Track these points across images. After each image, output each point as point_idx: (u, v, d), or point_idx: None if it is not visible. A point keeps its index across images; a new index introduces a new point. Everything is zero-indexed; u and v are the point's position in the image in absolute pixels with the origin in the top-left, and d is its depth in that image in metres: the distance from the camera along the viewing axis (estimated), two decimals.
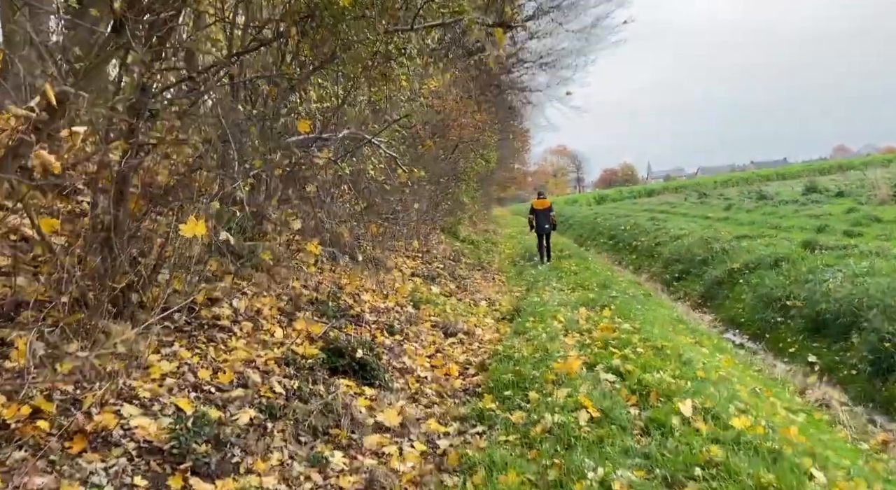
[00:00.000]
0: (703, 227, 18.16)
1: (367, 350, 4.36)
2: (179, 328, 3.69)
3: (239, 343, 3.78)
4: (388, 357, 4.83)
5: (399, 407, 3.72)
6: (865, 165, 50.47)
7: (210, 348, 3.53)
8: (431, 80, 7.39)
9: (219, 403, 3.02)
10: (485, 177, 25.73)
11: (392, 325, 5.57)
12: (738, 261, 11.74)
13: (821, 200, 21.96)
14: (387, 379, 4.29)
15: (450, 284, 8.89)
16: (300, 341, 4.15)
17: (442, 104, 8.16)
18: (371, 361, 4.23)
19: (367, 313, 5.58)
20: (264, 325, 4.18)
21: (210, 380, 3.20)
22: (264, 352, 3.76)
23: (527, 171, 65.18)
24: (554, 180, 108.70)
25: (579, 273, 11.14)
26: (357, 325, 5.14)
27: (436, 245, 11.86)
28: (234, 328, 3.96)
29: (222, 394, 3.13)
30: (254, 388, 3.28)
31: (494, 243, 17.74)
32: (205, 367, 3.28)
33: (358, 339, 4.58)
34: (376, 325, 5.42)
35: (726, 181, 56.19)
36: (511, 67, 14.04)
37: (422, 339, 5.79)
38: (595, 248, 23.53)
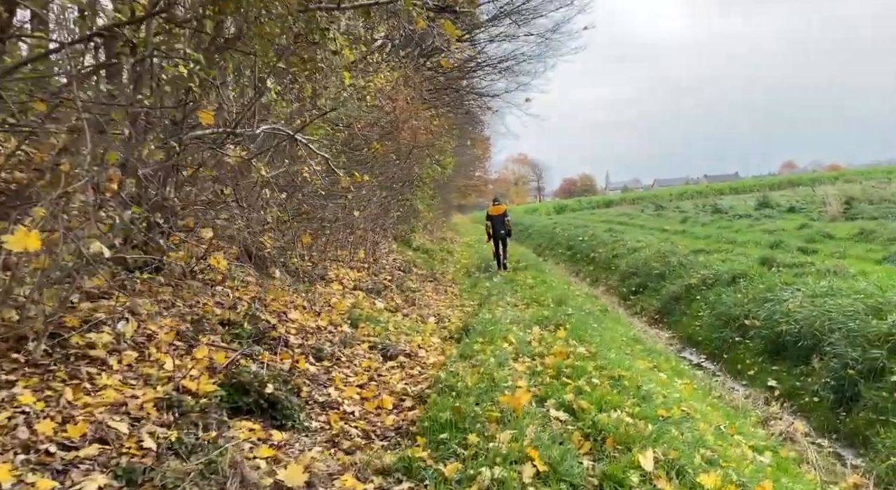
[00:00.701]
0: (660, 240, 18.07)
1: (281, 383, 3.71)
2: (34, 362, 2.97)
3: (112, 380, 3.08)
4: (311, 389, 4.18)
5: (307, 459, 3.07)
6: (813, 182, 52.28)
7: (68, 389, 2.82)
8: (378, 77, 6.80)
9: (57, 469, 2.33)
10: (443, 183, 25.24)
11: (321, 348, 4.91)
12: (695, 276, 11.50)
13: (773, 215, 22.31)
14: (302, 418, 3.64)
15: (397, 298, 8.27)
16: (197, 374, 3.47)
17: (392, 105, 7.56)
18: (283, 398, 3.57)
19: (293, 335, 4.91)
20: (153, 353, 3.48)
21: (53, 434, 2.50)
22: (143, 391, 3.06)
23: (488, 179, 65.08)
24: (515, 189, 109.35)
25: (535, 287, 10.67)
26: (276, 351, 4.47)
27: (386, 255, 11.23)
28: (112, 359, 3.25)
29: (67, 454, 2.43)
30: (115, 443, 2.59)
31: (450, 252, 17.20)
32: (50, 417, 2.58)
33: (273, 370, 3.92)
34: (301, 350, 4.75)
35: (682, 194, 57.34)
36: (470, 71, 13.55)
37: (356, 364, 5.15)
38: (553, 259, 23.29)
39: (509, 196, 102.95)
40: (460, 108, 16.09)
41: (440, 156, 14.69)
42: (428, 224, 18.84)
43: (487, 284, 11.03)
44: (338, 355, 5.06)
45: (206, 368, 3.61)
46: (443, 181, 24.49)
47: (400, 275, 10.30)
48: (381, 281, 8.73)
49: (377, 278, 8.76)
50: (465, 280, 12.18)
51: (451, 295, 10.37)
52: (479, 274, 12.99)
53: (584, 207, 57.91)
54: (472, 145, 23.43)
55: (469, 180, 47.78)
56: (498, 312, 8.14)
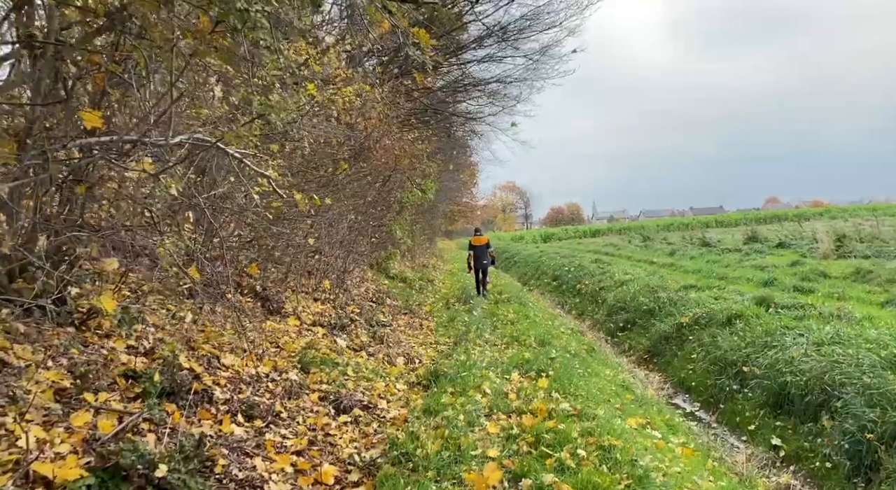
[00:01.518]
0: (648, 273, 17.45)
1: (181, 460, 2.90)
2: None
3: None
4: (230, 461, 3.36)
5: None
6: (799, 217, 52.44)
7: None
8: (345, 91, 6.11)
9: None
10: (427, 208, 24.60)
11: (254, 404, 4.09)
12: (686, 315, 10.83)
13: (763, 250, 21.84)
14: None
15: (363, 335, 7.46)
16: (64, 452, 2.65)
17: (363, 122, 6.88)
18: (180, 483, 2.76)
19: (221, 387, 4.10)
20: (7, 422, 2.67)
21: None
22: None
23: (475, 205, 64.80)
24: (503, 216, 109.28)
25: (517, 323, 9.91)
26: (195, 410, 3.66)
27: (357, 284, 10.43)
28: None
29: None
30: None
31: (430, 281, 16.41)
32: None
33: (175, 439, 3.11)
34: (228, 407, 3.94)
35: (668, 225, 57.26)
36: (454, 93, 12.98)
37: (298, 421, 4.33)
38: (539, 289, 22.59)
39: (497, 223, 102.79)
40: (444, 131, 15.50)
41: (422, 180, 14.02)
42: (409, 251, 18.08)
43: (466, 319, 10.25)
44: (277, 411, 4.25)
45: (82, 442, 2.80)
46: (426, 206, 23.88)
47: (371, 307, 9.50)
48: (347, 314, 7.92)
49: (343, 312, 7.96)
50: (443, 313, 11.39)
51: (426, 330, 9.57)
52: (458, 306, 12.22)
53: (570, 236, 57.59)
54: (458, 170, 22.86)
55: (456, 206, 47.32)
56: (475, 353, 7.37)
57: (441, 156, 16.94)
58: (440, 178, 20.11)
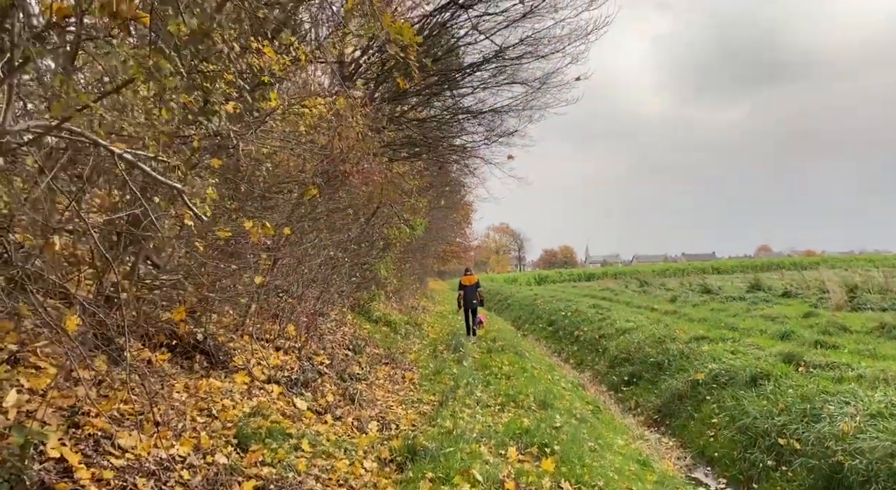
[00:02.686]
0: (651, 321, 16.32)
1: None
2: None
3: None
4: None
5: None
6: (795, 266, 51.70)
7: None
8: (315, 102, 5.12)
9: None
10: (417, 247, 23.52)
11: None
12: (701, 370, 9.67)
13: (769, 299, 20.80)
14: None
15: (330, 393, 6.25)
16: None
17: (338, 142, 5.87)
18: None
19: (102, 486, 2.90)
20: None
21: None
22: None
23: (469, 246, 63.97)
24: (496, 257, 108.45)
25: (513, 377, 8.71)
26: None
27: (333, 329, 9.24)
28: None
29: None
30: None
31: (418, 324, 15.18)
32: None
33: None
34: None
35: (664, 271, 56.38)
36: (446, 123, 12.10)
37: None
38: (533, 334, 21.39)
39: (490, 264, 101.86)
40: (436, 165, 14.57)
41: (410, 216, 13.00)
42: (396, 292, 16.90)
43: (455, 370, 9.04)
44: None
45: None
46: (417, 245, 22.82)
47: (346, 357, 8.29)
48: (314, 367, 6.72)
49: (309, 363, 6.75)
50: (429, 362, 10.17)
51: (408, 383, 8.34)
52: (447, 354, 11.00)
53: (565, 279, 56.58)
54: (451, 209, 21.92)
55: (449, 246, 46.34)
56: (463, 417, 6.16)
57: (432, 192, 15.99)
58: (431, 215, 19.13)
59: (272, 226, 4.16)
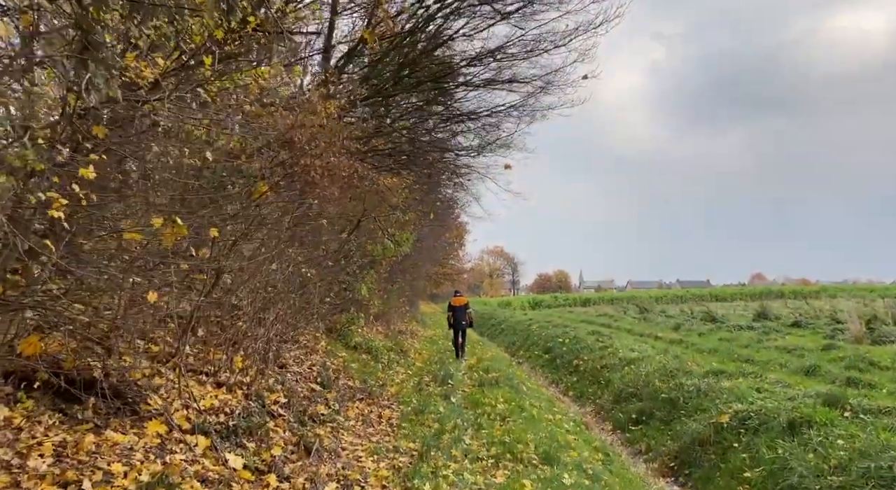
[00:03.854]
0: (657, 351, 15.04)
1: None
2: None
3: None
4: None
5: None
6: (795, 295, 50.71)
7: None
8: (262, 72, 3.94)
9: None
10: (407, 268, 22.25)
11: None
12: (725, 411, 8.39)
13: (779, 329, 19.59)
14: None
15: (279, 444, 4.94)
16: None
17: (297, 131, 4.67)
18: None
19: None
20: None
21: None
22: None
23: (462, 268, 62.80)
24: (490, 280, 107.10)
25: (509, 417, 7.41)
26: None
27: (300, 358, 7.94)
28: None
29: None
30: None
31: (404, 351, 13.83)
32: None
33: None
34: None
35: (661, 297, 55.17)
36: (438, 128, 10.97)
37: None
38: (528, 362, 20.01)
39: (483, 288, 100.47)
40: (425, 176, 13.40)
41: (396, 231, 11.79)
42: (381, 315, 15.58)
43: (442, 408, 7.73)
44: None
45: None
46: (407, 265, 21.54)
47: (311, 392, 6.98)
48: (263, 408, 5.42)
49: (258, 403, 5.45)
50: (412, 396, 8.85)
51: (385, 425, 7.02)
52: (433, 387, 9.68)
53: (560, 304, 55.27)
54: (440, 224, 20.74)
55: (441, 268, 45.13)
56: (447, 476, 4.86)
57: (422, 207, 14.80)
58: (420, 230, 17.93)
59: (208, 229, 2.92)
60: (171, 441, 4.07)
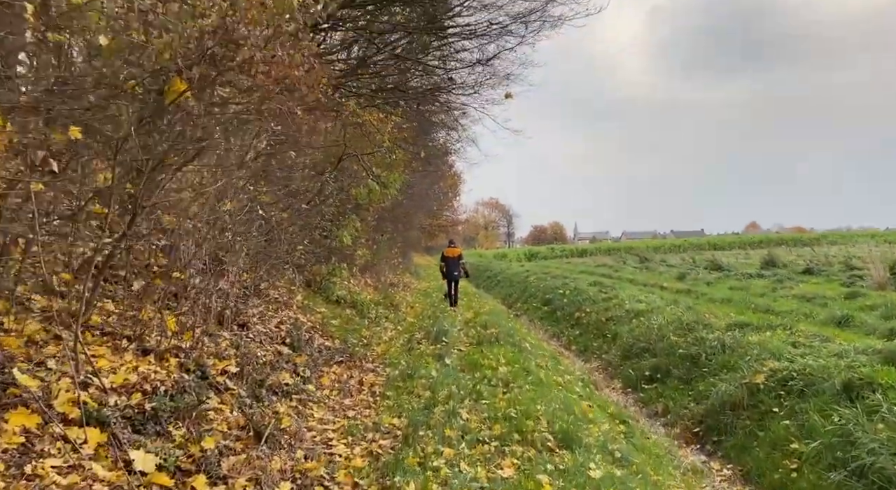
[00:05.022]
0: (667, 302, 13.97)
1: None
2: None
3: None
4: None
5: None
6: (796, 242, 49.85)
7: None
8: None
9: None
10: (399, 217, 20.93)
11: None
12: (760, 370, 7.31)
13: (791, 277, 18.53)
14: None
15: (218, 430, 3.77)
16: None
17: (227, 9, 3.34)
18: None
19: None
20: None
21: None
22: None
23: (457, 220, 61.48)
24: (485, 233, 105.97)
25: (513, 382, 6.28)
26: None
27: (267, 315, 6.74)
28: None
29: None
30: None
31: (394, 305, 12.69)
32: None
33: None
34: None
35: (659, 247, 54.29)
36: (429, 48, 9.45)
37: None
38: (527, 315, 19.03)
39: (479, 240, 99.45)
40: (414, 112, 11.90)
41: (383, 171, 10.44)
42: (370, 266, 14.38)
43: (434, 371, 6.60)
44: None
45: None
46: (398, 214, 20.23)
47: (277, 356, 5.81)
48: (202, 382, 4.23)
49: (197, 375, 4.25)
50: (402, 357, 7.72)
51: (366, 394, 5.89)
52: (425, 344, 8.56)
53: (557, 255, 54.33)
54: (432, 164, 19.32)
55: (436, 220, 43.82)
56: (440, 467, 3.71)
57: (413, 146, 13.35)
58: (412, 178, 16.55)
59: None
60: (46, 439, 2.87)
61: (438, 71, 11.10)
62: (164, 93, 3.48)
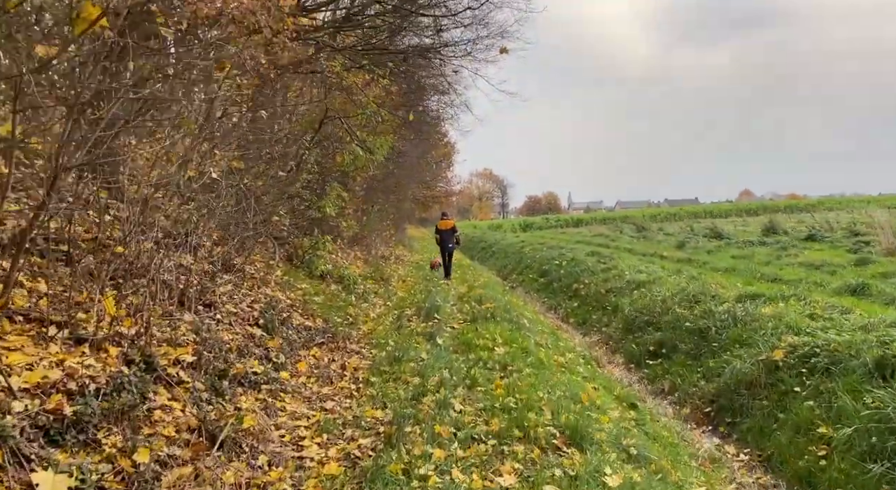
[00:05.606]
0: (669, 272, 13.42)
1: None
2: None
3: None
4: None
5: None
6: (792, 209, 49.38)
7: None
8: None
9: None
10: (390, 187, 20.14)
11: None
12: (778, 346, 6.75)
13: (794, 244, 17.99)
14: None
15: (163, 435, 3.14)
16: None
17: None
18: None
19: None
20: None
21: None
22: None
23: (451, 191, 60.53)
24: (479, 204, 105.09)
25: (511, 367, 5.67)
26: None
27: (238, 295, 6.08)
28: None
29: None
30: None
31: (384, 279, 12.06)
32: None
33: None
34: None
35: (655, 216, 53.68)
36: None
37: None
38: (523, 286, 18.46)
39: (473, 211, 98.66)
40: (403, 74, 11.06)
41: (369, 135, 9.68)
42: (359, 239, 13.68)
43: (424, 354, 6.00)
44: None
45: None
46: (389, 184, 19.43)
47: (250, 339, 5.17)
48: (150, 374, 3.59)
49: (141, 368, 3.61)
50: (390, 336, 7.11)
51: (348, 381, 5.28)
52: (415, 322, 7.96)
53: (552, 225, 53.69)
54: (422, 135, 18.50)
55: (430, 191, 42.94)
56: (425, 480, 3.11)
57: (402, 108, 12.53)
58: (402, 146, 15.74)
59: None
60: None
61: (429, 30, 10.24)
62: (72, 22, 2.75)
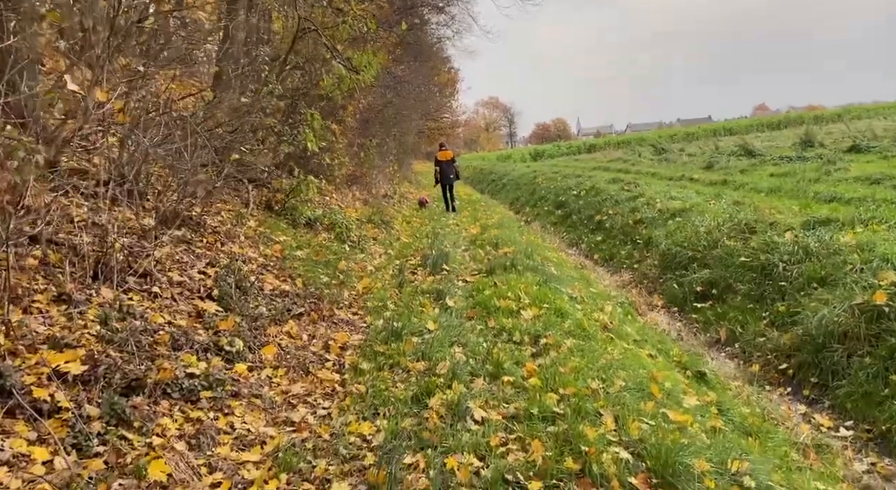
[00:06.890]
0: (705, 197, 11.88)
1: None
2: None
3: None
4: None
5: None
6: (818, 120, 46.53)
7: None
8: None
9: None
10: (389, 120, 18.35)
11: None
12: (876, 283, 5.35)
13: (840, 157, 16.13)
14: None
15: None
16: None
17: None
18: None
19: None
20: None
21: None
22: None
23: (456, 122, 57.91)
24: (486, 135, 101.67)
25: (544, 341, 4.31)
26: None
27: (200, 253, 4.72)
28: None
29: None
30: None
31: (385, 222, 10.63)
32: None
33: None
34: None
35: (671, 136, 51.05)
36: None
37: None
38: (538, 220, 16.99)
39: (480, 142, 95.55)
40: None
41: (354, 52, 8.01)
42: (355, 177, 12.18)
43: (431, 323, 4.65)
44: None
45: None
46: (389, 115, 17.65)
47: (196, 321, 3.85)
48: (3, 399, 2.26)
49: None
50: (387, 300, 5.77)
51: (330, 369, 3.98)
52: (420, 275, 6.61)
53: (563, 153, 51.37)
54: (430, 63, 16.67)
55: (434, 122, 40.74)
56: None
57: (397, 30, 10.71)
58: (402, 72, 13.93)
59: None
60: None
61: None
62: None
